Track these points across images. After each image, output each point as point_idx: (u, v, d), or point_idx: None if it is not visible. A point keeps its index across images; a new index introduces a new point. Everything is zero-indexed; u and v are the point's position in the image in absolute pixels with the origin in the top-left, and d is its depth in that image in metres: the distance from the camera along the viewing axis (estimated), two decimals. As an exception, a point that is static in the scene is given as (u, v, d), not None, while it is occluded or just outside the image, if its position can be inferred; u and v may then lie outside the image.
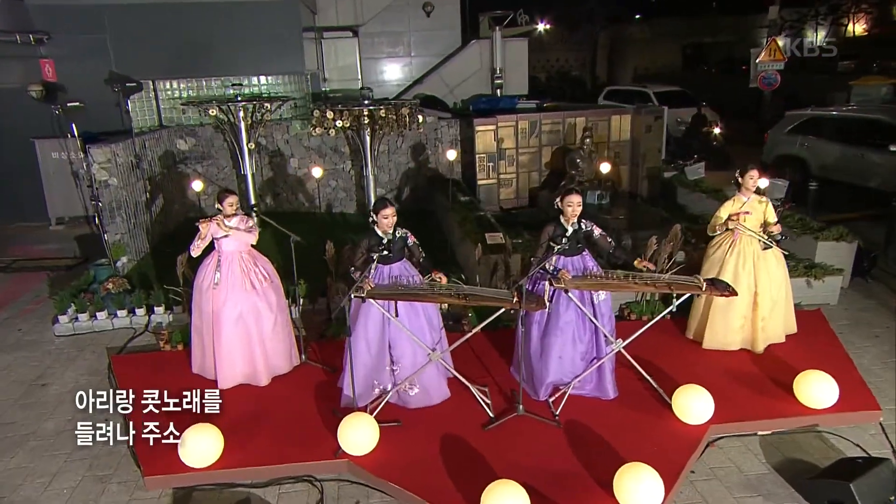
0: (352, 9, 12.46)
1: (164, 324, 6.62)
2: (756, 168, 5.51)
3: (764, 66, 14.99)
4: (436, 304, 5.05)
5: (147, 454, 4.44)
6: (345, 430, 4.39)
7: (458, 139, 10.64)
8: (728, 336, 5.61)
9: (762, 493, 4.15)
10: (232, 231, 5.10)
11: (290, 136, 10.22)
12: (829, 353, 5.56)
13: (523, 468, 4.13)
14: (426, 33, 13.33)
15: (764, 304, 5.52)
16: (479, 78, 12.94)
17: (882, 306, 6.77)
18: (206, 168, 10.31)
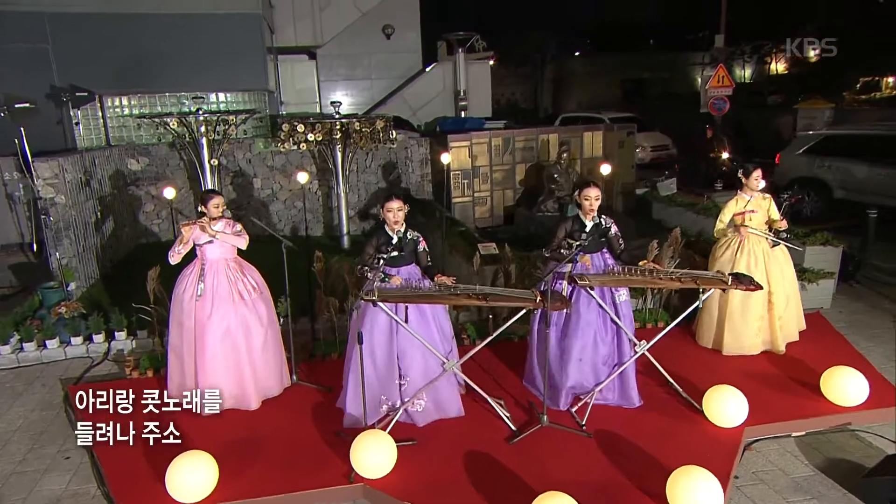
0: (311, 28, 12.16)
1: (127, 351, 5.94)
2: (759, 168, 5.47)
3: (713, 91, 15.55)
4: (446, 313, 4.67)
5: (124, 493, 3.82)
6: (359, 451, 3.91)
7: (429, 158, 10.39)
8: (748, 339, 5.44)
9: (814, 495, 3.91)
10: (219, 235, 4.59)
11: (252, 154, 9.71)
12: (842, 352, 5.46)
13: (562, 482, 3.74)
14: (387, 56, 13.16)
15: (779, 303, 5.42)
16: (442, 100, 12.82)
17: (874, 308, 6.80)
18: (159, 190, 9.62)
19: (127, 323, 5.99)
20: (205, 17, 9.35)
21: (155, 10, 9.24)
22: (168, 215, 9.76)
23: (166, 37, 9.41)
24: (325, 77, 13.14)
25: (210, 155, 8.51)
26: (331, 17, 12.21)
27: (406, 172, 10.25)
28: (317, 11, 12.09)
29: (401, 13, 12.98)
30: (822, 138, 10.78)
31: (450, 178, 9.42)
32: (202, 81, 9.61)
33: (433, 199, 10.30)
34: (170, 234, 9.79)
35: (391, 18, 12.97)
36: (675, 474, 3.58)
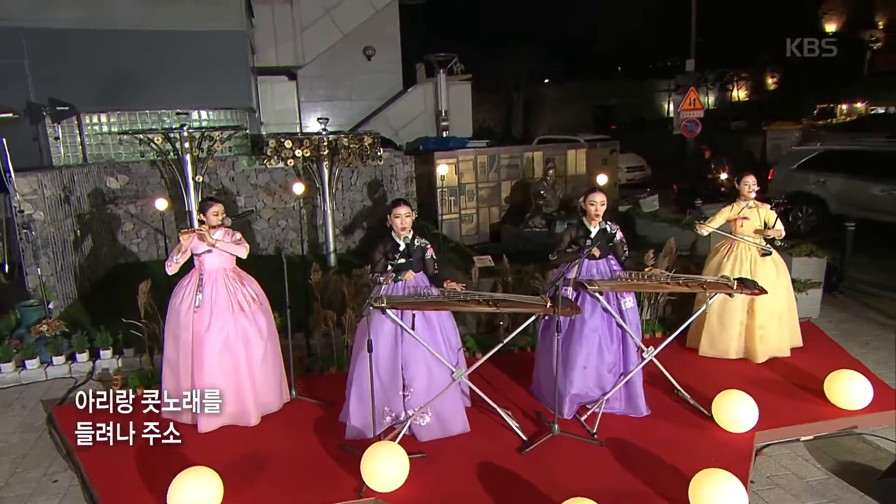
0: (292, 49, 12.13)
1: (113, 370, 5.68)
2: (752, 174, 5.53)
3: (685, 114, 15.92)
4: (454, 325, 4.56)
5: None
6: (370, 464, 3.75)
7: (413, 176, 10.35)
8: (725, 343, 5.47)
9: (831, 498, 3.87)
10: (219, 244, 4.44)
11: (236, 172, 9.53)
12: (839, 358, 5.50)
13: (579, 490, 3.62)
14: (367, 77, 13.17)
15: (762, 312, 5.40)
16: (423, 120, 12.85)
17: (860, 317, 6.90)
18: (139, 208, 9.37)
19: (113, 341, 5.74)
20: (188, 34, 9.23)
21: (136, 26, 9.09)
22: (148, 234, 9.50)
23: (148, 53, 9.25)
24: (305, 98, 13.07)
25: (194, 172, 8.31)
26: (312, 38, 12.20)
27: (391, 190, 10.17)
28: (298, 32, 12.07)
29: (381, 35, 13.04)
30: (818, 154, 10.62)
31: (437, 194, 9.37)
32: (185, 98, 9.44)
33: (418, 216, 10.23)
34: (150, 253, 9.51)
35: (372, 40, 13.03)
36: (698, 478, 3.51)
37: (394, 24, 13.17)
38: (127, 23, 9.07)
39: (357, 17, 12.38)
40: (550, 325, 4.78)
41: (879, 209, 9.51)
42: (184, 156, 8.22)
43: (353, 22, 12.39)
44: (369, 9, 12.44)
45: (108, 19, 9.02)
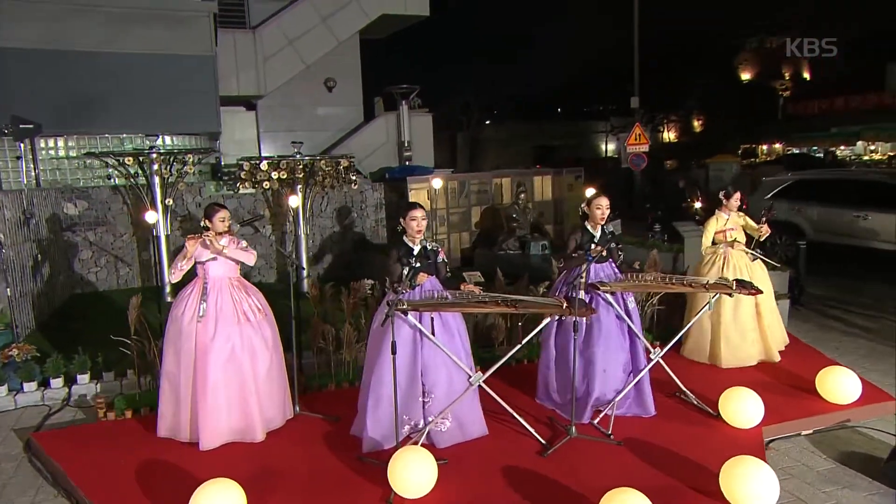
0: (255, 79, 11.98)
1: (91, 395, 5.28)
2: (740, 190, 5.83)
3: (631, 148, 16.63)
4: (466, 330, 4.51)
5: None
6: (397, 470, 3.60)
7: (383, 203, 10.32)
8: (744, 351, 5.62)
9: (844, 484, 3.98)
10: (226, 251, 4.26)
11: (203, 198, 9.24)
12: (821, 359, 5.74)
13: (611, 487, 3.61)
14: (329, 108, 13.13)
15: (766, 312, 5.67)
16: (386, 150, 12.87)
17: (823, 327, 7.26)
18: (99, 235, 8.92)
19: (91, 364, 5.35)
20: (155, 57, 8.99)
21: (100, 48, 8.79)
22: (108, 263, 9.02)
23: (111, 76, 8.92)
24: (265, 128, 12.89)
25: (163, 196, 8.00)
26: (275, 68, 12.11)
27: (361, 217, 10.09)
28: (261, 62, 11.96)
29: (342, 67, 13.08)
30: (791, 183, 10.99)
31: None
32: (148, 123, 9.13)
33: (388, 242, 10.17)
34: (108, 283, 9.02)
35: (333, 72, 13.04)
36: (728, 465, 3.54)
37: (355, 57, 13.26)
38: (90, 44, 8.76)
39: (320, 48, 12.39)
40: (559, 330, 4.81)
41: (854, 234, 9.83)
42: (153, 179, 7.91)
43: (315, 53, 12.39)
44: (332, 41, 12.49)
45: (70, 40, 8.68)
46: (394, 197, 10.33)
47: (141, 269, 9.19)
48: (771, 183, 11.31)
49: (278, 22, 12.15)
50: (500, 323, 5.80)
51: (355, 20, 12.59)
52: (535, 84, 39.95)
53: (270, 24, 12.12)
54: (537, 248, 8.94)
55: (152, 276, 9.17)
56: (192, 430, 4.21)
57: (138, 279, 9.17)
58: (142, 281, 9.17)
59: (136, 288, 9.06)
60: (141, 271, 9.18)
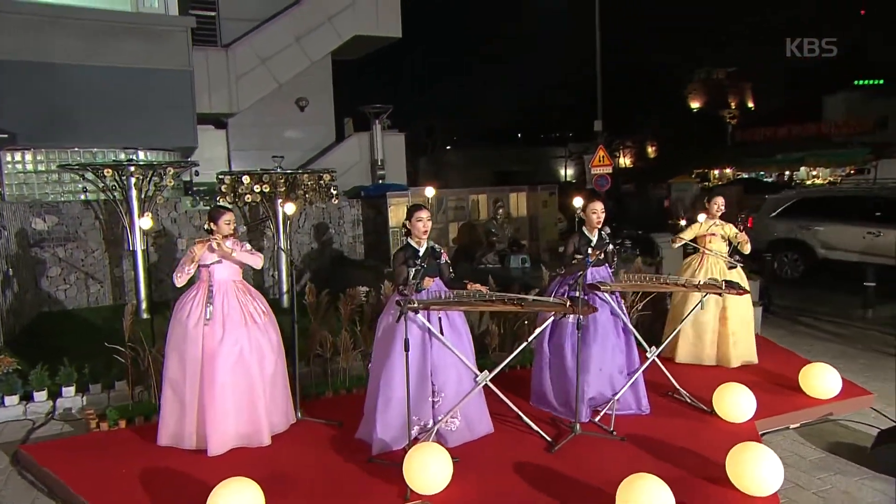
0: (227, 97, 11.93)
1: (77, 409, 5.11)
2: (721, 196, 6.09)
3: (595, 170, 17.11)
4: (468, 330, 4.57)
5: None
6: (413, 466, 3.62)
7: (360, 219, 10.35)
8: (700, 349, 5.83)
9: (836, 471, 4.18)
10: (235, 253, 4.24)
11: (178, 213, 9.09)
12: (797, 361, 5.99)
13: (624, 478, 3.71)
14: (300, 128, 13.15)
15: (733, 319, 5.84)
16: (359, 169, 12.93)
17: (794, 332, 7.58)
18: (69, 251, 8.65)
19: (78, 376, 5.19)
20: (131, 71, 8.88)
21: (73, 60, 8.65)
22: (77, 280, 8.75)
23: (84, 90, 8.76)
24: (235, 147, 12.81)
25: (141, 211, 7.84)
26: (247, 87, 12.10)
27: (339, 233, 10.09)
28: (233, 80, 11.93)
29: (314, 87, 13.16)
30: (797, 200, 10.84)
31: (389, 234, 9.41)
32: (122, 137, 8.98)
33: (365, 258, 10.19)
34: (78, 301, 8.74)
35: (305, 92, 13.10)
36: (734, 452, 3.68)
37: (327, 77, 13.36)
38: (64, 56, 8.61)
39: (293, 67, 12.45)
40: (554, 332, 4.92)
41: (868, 251, 9.60)
42: (130, 192, 7.75)
43: (288, 72, 12.43)
44: (305, 60, 12.56)
45: (44, 52, 8.52)
46: (371, 213, 10.38)
47: (113, 286, 8.94)
48: (774, 201, 11.23)
49: (251, 41, 12.19)
50: (494, 329, 5.87)
51: (328, 41, 12.72)
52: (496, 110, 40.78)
53: (243, 42, 12.14)
54: (517, 262, 9.10)
55: (125, 293, 8.94)
56: (198, 436, 4.13)
57: (110, 297, 8.91)
58: (114, 298, 8.91)
59: (108, 306, 8.79)
60: (113, 288, 8.93)
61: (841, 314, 8.30)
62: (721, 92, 53.01)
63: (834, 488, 3.95)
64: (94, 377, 5.23)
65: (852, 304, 8.61)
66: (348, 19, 12.72)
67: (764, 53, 47.50)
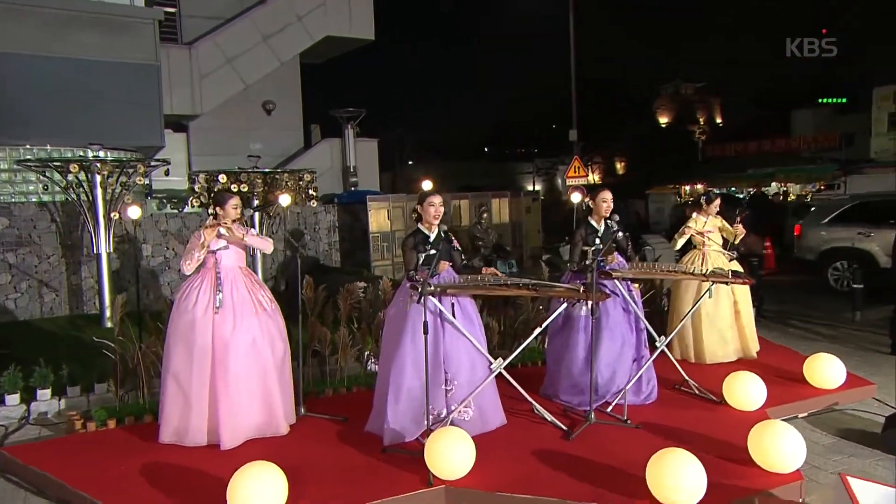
0: (189, 98, 11.89)
1: (52, 413, 5.03)
2: (720, 197, 6.44)
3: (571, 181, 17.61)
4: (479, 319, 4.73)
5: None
6: (436, 451, 3.72)
7: (336, 225, 10.42)
8: (723, 348, 6.10)
9: (849, 454, 4.45)
10: (247, 238, 4.31)
11: (143, 217, 9.00)
12: (795, 356, 6.32)
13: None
14: (266, 132, 13.17)
15: (745, 311, 6.20)
16: (330, 176, 13.00)
17: (786, 334, 7.95)
18: (21, 257, 8.47)
19: (54, 378, 5.11)
20: (91, 64, 8.81)
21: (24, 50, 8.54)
22: (30, 288, 8.56)
23: (41, 83, 8.67)
24: (197, 151, 12.75)
25: (106, 211, 7.77)
26: (211, 87, 12.09)
27: (315, 239, 10.14)
28: (196, 80, 11.92)
29: (282, 90, 13.24)
30: (852, 206, 10.46)
31: (370, 240, 9.51)
32: (81, 134, 8.86)
33: (341, 265, 10.26)
34: (31, 311, 8.54)
35: (272, 95, 13.17)
36: (757, 428, 3.90)
37: (295, 80, 13.46)
38: (18, 46, 8.50)
39: (261, 68, 12.52)
40: (565, 323, 5.11)
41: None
42: (95, 191, 7.68)
43: (256, 73, 12.49)
44: (274, 61, 12.65)
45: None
46: (348, 219, 10.47)
47: (69, 295, 8.77)
48: (825, 208, 10.91)
49: (216, 39, 12.22)
50: (494, 325, 6.03)
51: (298, 41, 12.85)
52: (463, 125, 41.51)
53: (207, 40, 12.18)
54: (505, 267, 9.30)
55: (83, 303, 8.78)
56: (209, 430, 4.14)
57: (66, 306, 8.73)
58: (70, 309, 8.74)
59: (64, 317, 8.62)
60: (69, 298, 8.76)
61: (831, 318, 8.74)
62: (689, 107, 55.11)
63: (850, 468, 4.21)
64: (72, 380, 5.16)
65: (841, 308, 9.08)
66: (319, 19, 12.90)
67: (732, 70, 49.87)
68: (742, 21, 46.51)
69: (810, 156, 34.05)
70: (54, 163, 7.45)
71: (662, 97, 55.99)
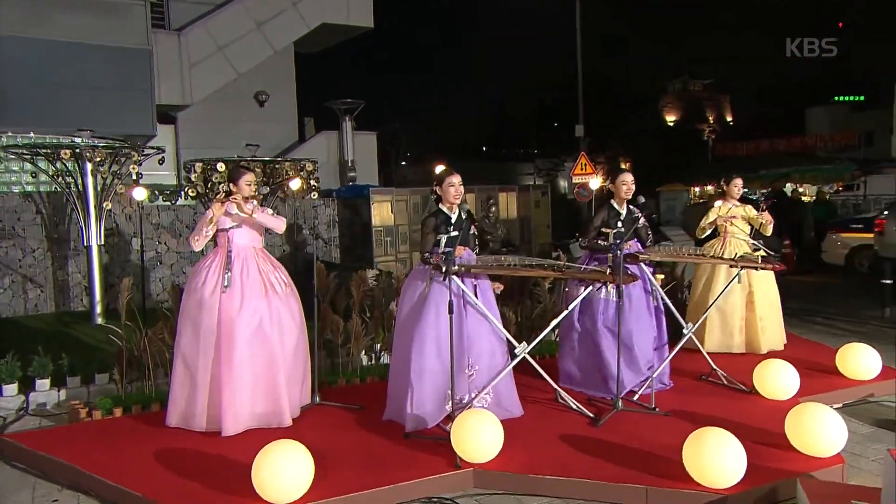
0: (179, 87, 11.98)
1: (51, 404, 5.11)
2: (740, 177, 6.55)
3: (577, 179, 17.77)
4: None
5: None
6: (463, 434, 3.82)
7: (336, 220, 10.52)
8: (728, 336, 6.22)
9: (888, 443, 4.52)
10: (257, 215, 4.40)
11: (133, 209, 9.09)
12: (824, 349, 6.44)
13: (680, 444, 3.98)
14: (259, 124, 13.23)
15: (761, 304, 6.27)
16: (327, 170, 13.07)
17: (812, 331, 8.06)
18: (3, 251, 8.53)
19: (53, 368, 5.18)
20: (79, 47, 8.89)
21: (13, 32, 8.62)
22: (13, 283, 8.61)
23: (24, 66, 8.74)
24: (185, 143, 12.81)
25: (97, 200, 7.84)
26: (202, 76, 12.19)
27: (314, 235, 10.22)
28: (186, 68, 12.02)
29: (276, 80, 13.35)
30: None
31: (372, 235, 9.61)
32: (68, 121, 8.93)
33: (341, 261, 10.35)
34: (14, 307, 8.60)
35: (265, 85, 13.28)
36: (794, 412, 4.01)
37: (289, 69, 13.58)
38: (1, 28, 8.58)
39: (254, 56, 12.63)
40: (587, 310, 5.22)
41: None
42: (86, 179, 7.76)
43: (249, 62, 12.61)
44: (267, 49, 12.77)
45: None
46: (348, 214, 10.57)
47: (55, 291, 8.82)
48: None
49: (207, 25, 12.33)
50: (511, 316, 6.13)
51: (294, 28, 12.98)
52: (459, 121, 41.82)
53: (198, 26, 12.28)
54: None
55: (69, 300, 8.84)
56: (209, 416, 4.22)
57: (51, 303, 8.79)
58: (56, 305, 8.80)
59: (50, 314, 8.68)
60: (55, 294, 8.81)
61: (857, 315, 8.88)
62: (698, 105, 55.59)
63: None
64: (72, 370, 5.24)
65: (864, 305, 9.23)
66: (316, 5, 13.04)
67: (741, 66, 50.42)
68: (745, 17, 47.12)
69: (826, 155, 34.44)
70: (44, 149, 7.50)
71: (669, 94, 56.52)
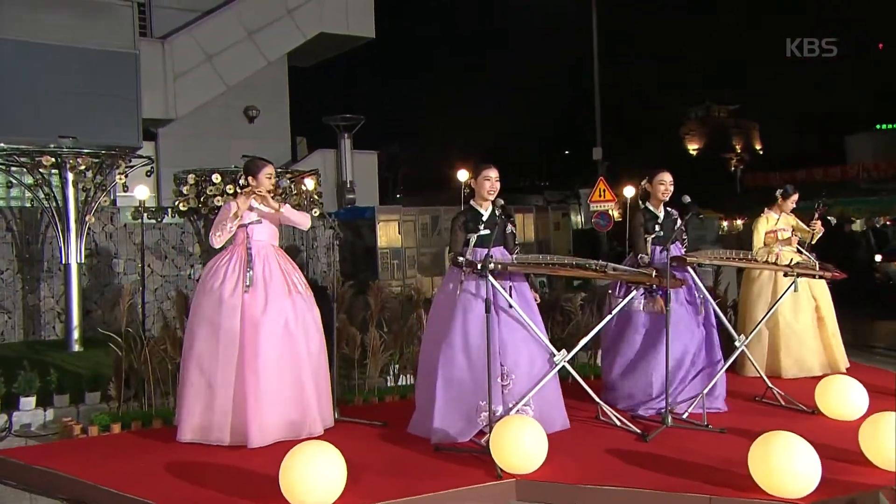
0: (163, 99, 12.24)
1: (36, 425, 5.19)
2: (798, 192, 6.74)
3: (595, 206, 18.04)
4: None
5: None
6: (503, 443, 3.93)
7: (337, 242, 10.69)
8: (807, 359, 6.34)
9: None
10: (284, 209, 4.60)
11: (115, 227, 9.24)
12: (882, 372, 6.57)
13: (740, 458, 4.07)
14: (249, 142, 13.45)
15: (829, 319, 6.45)
16: (324, 191, 13.26)
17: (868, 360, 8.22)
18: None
19: (40, 384, 5.28)
20: (61, 50, 9.09)
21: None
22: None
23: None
24: (167, 162, 13.00)
25: (78, 214, 7.98)
26: (187, 88, 12.45)
27: (313, 257, 10.38)
28: (171, 79, 12.30)
29: (268, 95, 13.61)
30: None
31: (377, 257, 9.78)
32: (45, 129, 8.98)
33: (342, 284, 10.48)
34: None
35: (255, 99, 13.55)
36: (870, 422, 4.10)
37: (282, 83, 13.87)
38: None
39: (245, 68, 12.92)
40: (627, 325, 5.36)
41: None
42: (66, 191, 7.91)
43: (239, 73, 12.89)
44: (260, 60, 13.07)
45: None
46: (349, 236, 10.76)
47: (25, 317, 8.89)
48: None
49: (193, 32, 12.64)
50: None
51: (289, 39, 13.31)
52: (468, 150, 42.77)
53: (184, 34, 12.59)
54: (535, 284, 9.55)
55: (40, 327, 8.91)
56: (234, 428, 4.32)
57: (20, 331, 8.84)
58: (25, 333, 8.85)
59: (18, 342, 8.73)
60: (24, 321, 8.88)
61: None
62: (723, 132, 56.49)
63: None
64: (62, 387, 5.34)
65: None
66: (313, 14, 13.40)
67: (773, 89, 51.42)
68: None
69: (869, 186, 34.93)
70: (22, 157, 7.67)
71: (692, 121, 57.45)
